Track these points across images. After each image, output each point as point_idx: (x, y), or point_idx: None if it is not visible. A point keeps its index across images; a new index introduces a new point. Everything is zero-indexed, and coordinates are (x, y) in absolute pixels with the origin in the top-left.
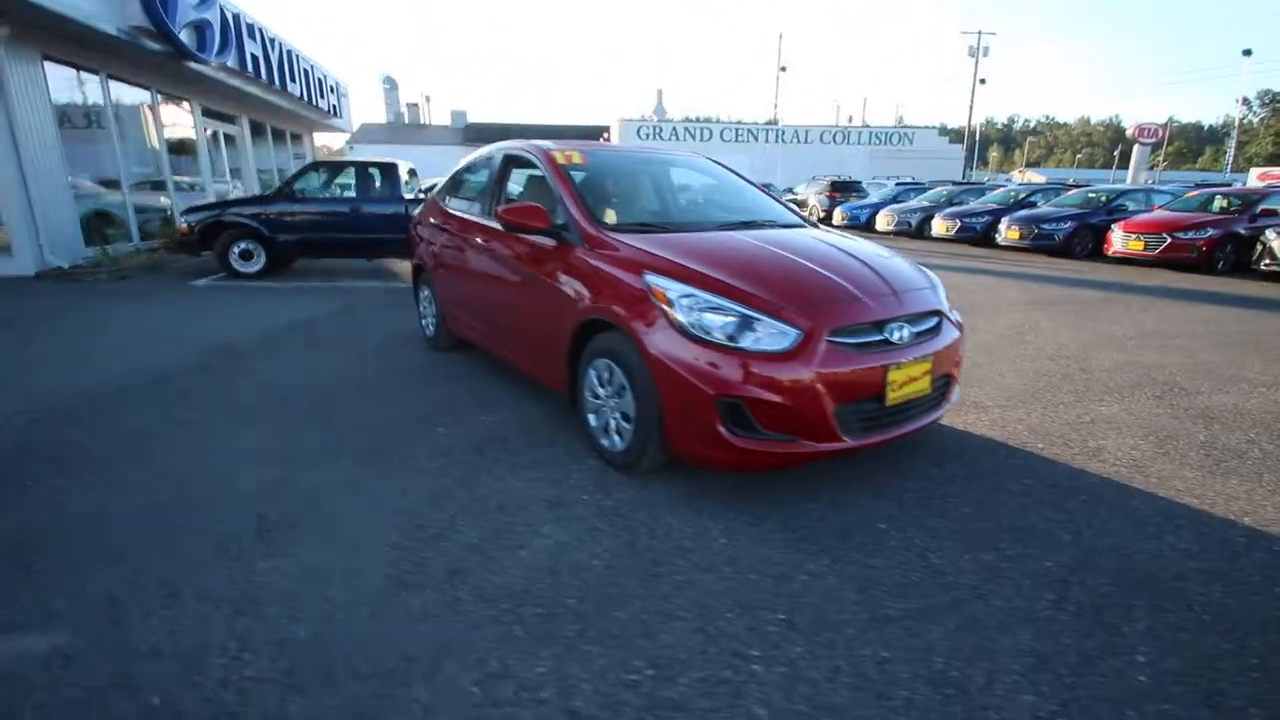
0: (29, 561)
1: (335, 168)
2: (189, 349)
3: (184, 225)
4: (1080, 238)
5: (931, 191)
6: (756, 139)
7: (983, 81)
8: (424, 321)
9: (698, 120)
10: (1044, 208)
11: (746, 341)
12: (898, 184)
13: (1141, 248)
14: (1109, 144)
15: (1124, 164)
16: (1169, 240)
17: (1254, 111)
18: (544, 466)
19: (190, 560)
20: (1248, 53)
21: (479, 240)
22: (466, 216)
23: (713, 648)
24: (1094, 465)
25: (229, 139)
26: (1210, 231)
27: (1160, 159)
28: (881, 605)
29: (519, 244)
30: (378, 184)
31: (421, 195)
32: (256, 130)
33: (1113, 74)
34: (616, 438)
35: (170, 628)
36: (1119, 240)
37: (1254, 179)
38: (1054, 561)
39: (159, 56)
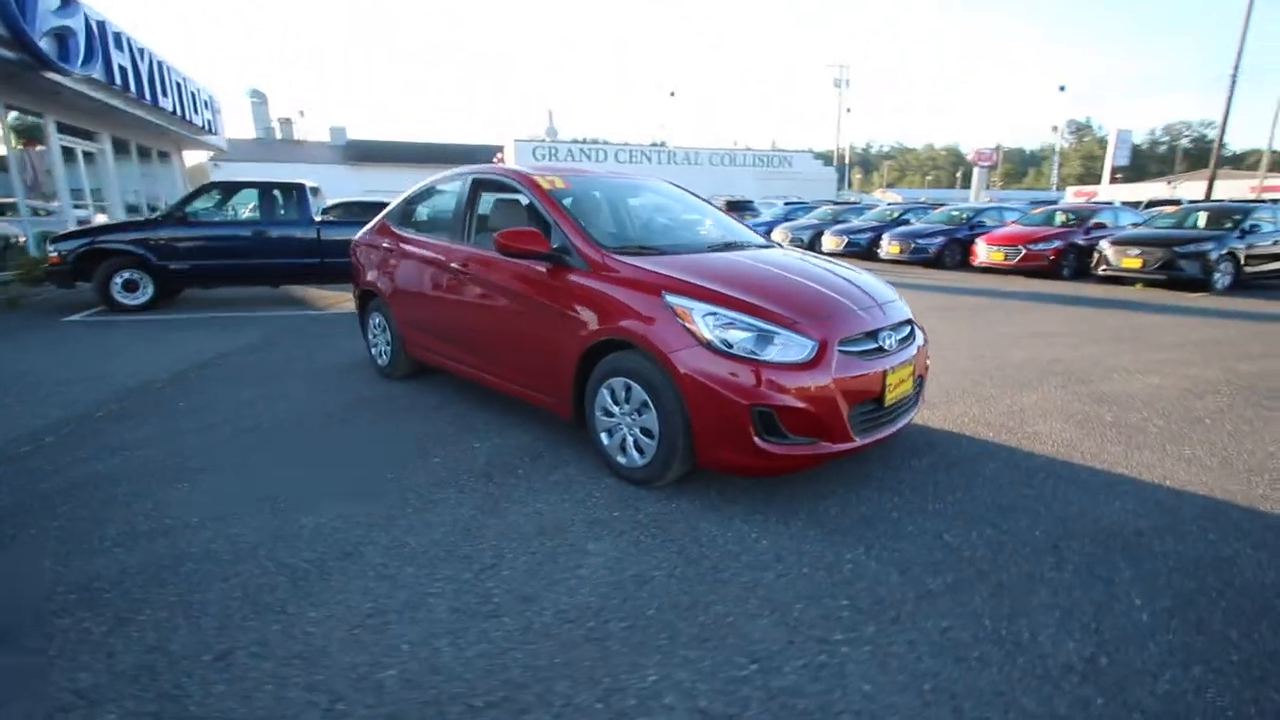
0: (28, 641)
1: (233, 188)
2: (99, 392)
3: (54, 254)
4: (950, 251)
5: (818, 210)
6: (649, 160)
7: (849, 110)
8: (375, 350)
9: (591, 142)
10: (917, 224)
11: (771, 354)
12: (786, 204)
13: (1002, 258)
14: (951, 166)
15: (966, 184)
16: (1024, 251)
17: (1064, 138)
18: (562, 489)
19: (224, 619)
20: (1062, 88)
21: (453, 265)
22: (432, 241)
23: (799, 637)
24: (1039, 447)
25: (88, 157)
26: (1056, 243)
27: (995, 179)
28: (924, 582)
29: (509, 269)
30: (283, 205)
31: (328, 217)
32: (120, 148)
33: (951, 103)
34: (636, 454)
35: (240, 691)
36: (983, 252)
37: (1070, 196)
38: (1041, 530)
39: (13, 66)
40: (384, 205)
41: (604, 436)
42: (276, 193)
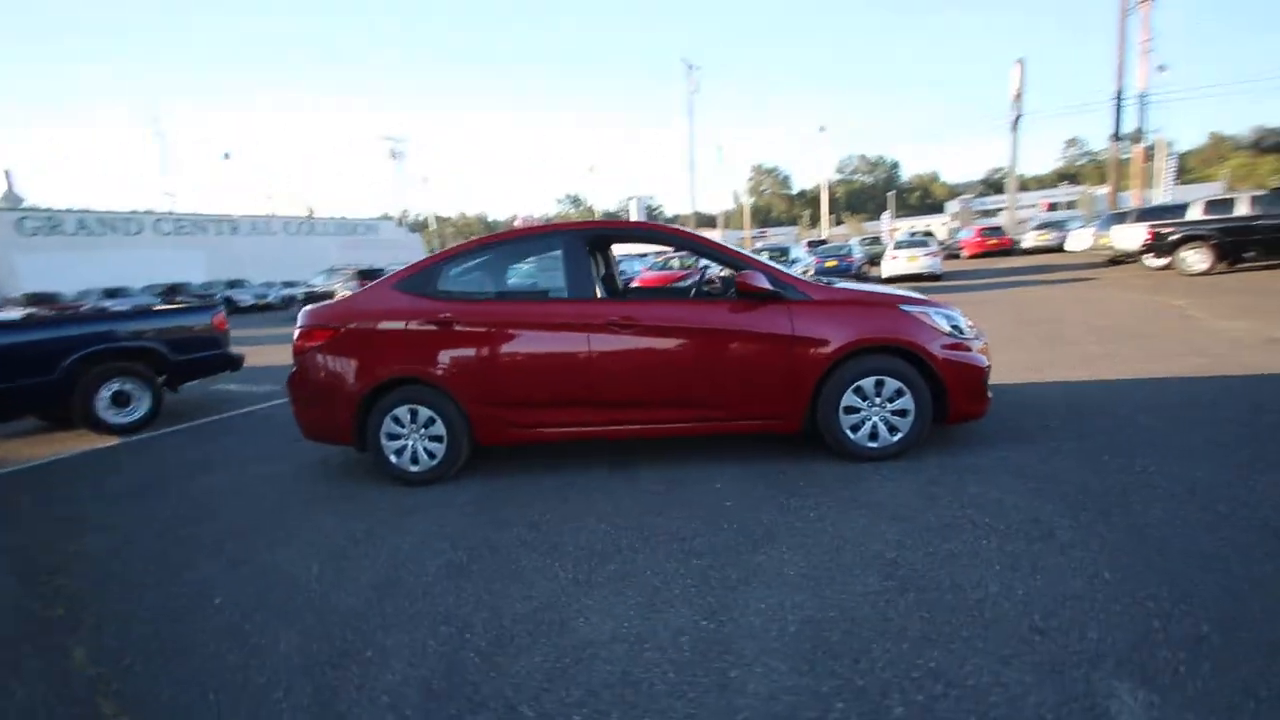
0: None
1: None
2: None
3: None
4: None
5: None
6: (206, 232)
7: (425, 179)
8: (402, 455)
9: (126, 213)
10: None
11: (968, 335)
12: None
13: None
14: (484, 231)
15: None
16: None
17: (569, 206)
18: (852, 481)
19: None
20: (591, 168)
21: (600, 323)
22: (544, 303)
23: (1173, 485)
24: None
25: None
26: (690, 280)
27: None
28: (1134, 440)
29: (707, 314)
30: None
31: None
32: None
33: (472, 177)
34: (889, 434)
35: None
36: None
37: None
38: (1112, 418)
39: None
40: None
41: (849, 432)
42: None
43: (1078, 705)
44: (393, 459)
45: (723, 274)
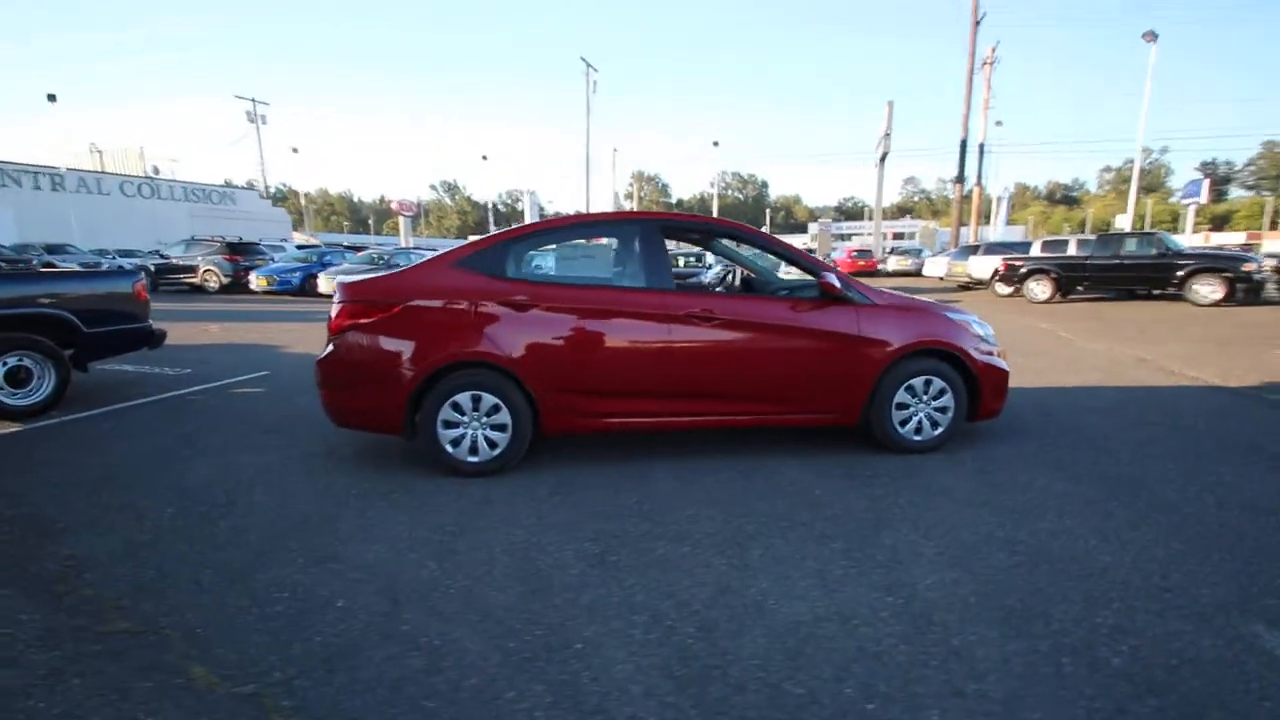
0: None
1: None
2: None
3: None
4: None
5: (364, 255)
6: (20, 185)
7: (295, 150)
8: (459, 445)
9: None
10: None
11: (994, 342)
12: (299, 246)
13: None
14: (350, 213)
15: (380, 231)
16: None
17: (441, 195)
18: (909, 474)
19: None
20: (433, 154)
21: (680, 314)
22: (620, 290)
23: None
24: None
25: None
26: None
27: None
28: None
29: (778, 310)
30: None
31: None
32: None
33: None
34: (931, 429)
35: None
36: None
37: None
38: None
39: None
40: None
41: (898, 426)
42: None
43: (1241, 644)
44: (449, 449)
45: (744, 275)
